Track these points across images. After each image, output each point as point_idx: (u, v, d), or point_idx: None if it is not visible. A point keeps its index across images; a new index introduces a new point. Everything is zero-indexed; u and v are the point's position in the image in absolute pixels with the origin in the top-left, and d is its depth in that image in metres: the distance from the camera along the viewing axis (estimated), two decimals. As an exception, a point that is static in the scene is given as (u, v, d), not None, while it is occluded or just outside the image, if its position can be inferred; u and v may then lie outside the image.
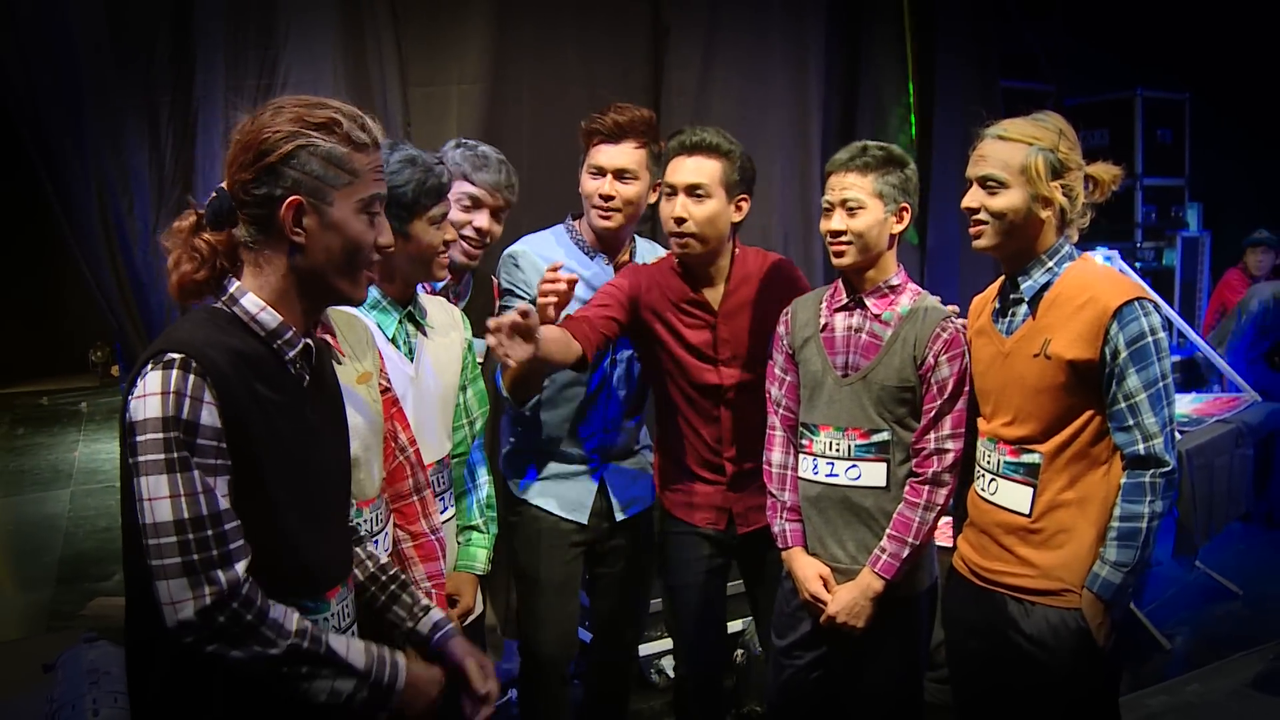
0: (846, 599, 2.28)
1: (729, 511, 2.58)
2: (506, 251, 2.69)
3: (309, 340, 1.54)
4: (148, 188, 3.01)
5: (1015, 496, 2.13)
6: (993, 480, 2.17)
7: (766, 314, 2.50)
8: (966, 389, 2.25)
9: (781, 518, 2.39)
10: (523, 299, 2.60)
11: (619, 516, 2.74)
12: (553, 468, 2.69)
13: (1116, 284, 2.06)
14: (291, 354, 1.51)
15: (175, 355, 1.36)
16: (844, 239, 2.26)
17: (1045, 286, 2.10)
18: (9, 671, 3.25)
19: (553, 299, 2.16)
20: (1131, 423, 2.01)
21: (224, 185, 1.48)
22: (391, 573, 1.77)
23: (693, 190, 2.42)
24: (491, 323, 1.89)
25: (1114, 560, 2.02)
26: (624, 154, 2.58)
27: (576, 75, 3.70)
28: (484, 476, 2.40)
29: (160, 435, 1.34)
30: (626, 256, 2.74)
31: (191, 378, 1.36)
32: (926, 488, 2.25)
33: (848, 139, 4.51)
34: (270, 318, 1.48)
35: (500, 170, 2.53)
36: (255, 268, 1.48)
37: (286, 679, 1.40)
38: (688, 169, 2.42)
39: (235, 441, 1.39)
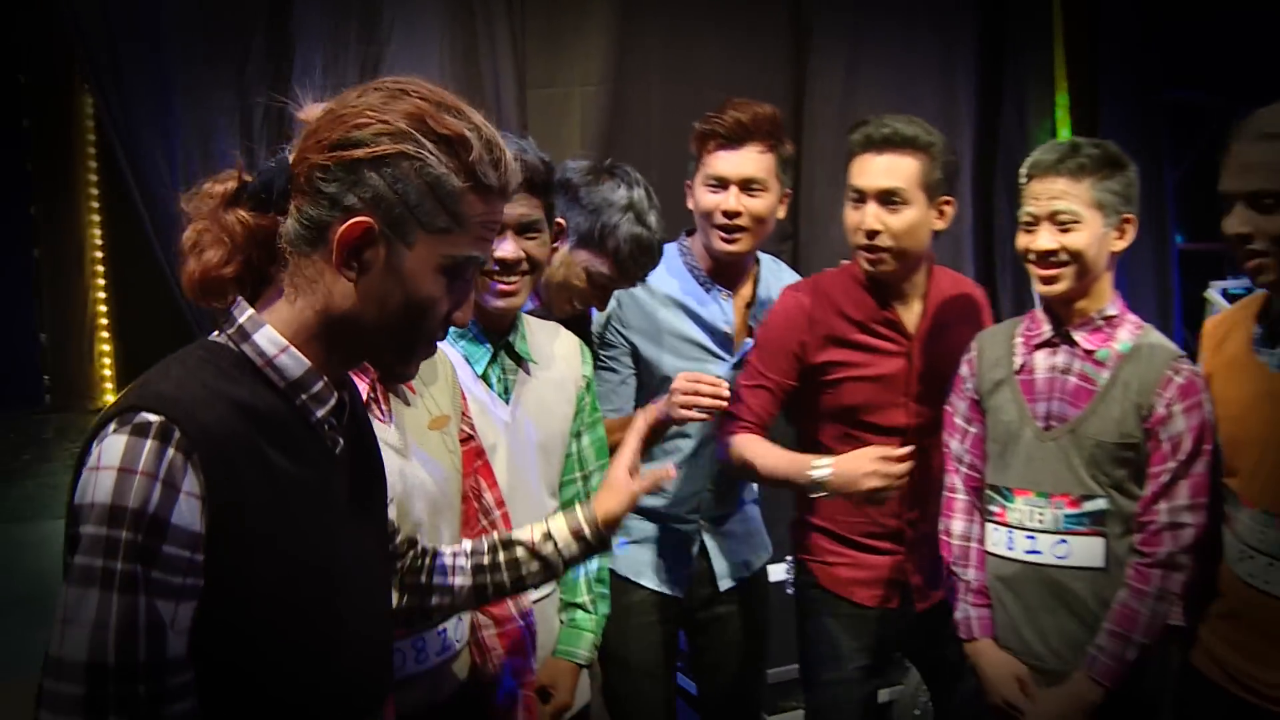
0: (1052, 710, 1.82)
1: (905, 585, 2.14)
2: None
3: (342, 394, 1.14)
4: (238, 194, 2.77)
5: None
6: (1271, 564, 1.67)
7: (963, 346, 2.07)
8: (1208, 447, 1.78)
9: (965, 601, 1.95)
10: (616, 347, 2.26)
11: (723, 585, 2.34)
12: (645, 530, 2.31)
13: None
14: (320, 413, 1.10)
15: (152, 418, 0.96)
16: (1057, 260, 1.82)
17: None
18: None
19: (694, 414, 1.92)
20: None
21: (290, 156, 1.08)
22: (487, 549, 1.44)
23: (887, 197, 2.01)
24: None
25: None
26: (749, 160, 2.19)
27: (711, 77, 3.34)
28: None
29: (105, 532, 0.92)
30: (750, 287, 2.34)
31: (170, 453, 0.95)
32: (1158, 571, 1.78)
33: (991, 159, 4.17)
34: (293, 363, 1.07)
35: None
36: (290, 288, 1.07)
37: None
38: (879, 170, 2.02)
39: (224, 545, 0.98)
